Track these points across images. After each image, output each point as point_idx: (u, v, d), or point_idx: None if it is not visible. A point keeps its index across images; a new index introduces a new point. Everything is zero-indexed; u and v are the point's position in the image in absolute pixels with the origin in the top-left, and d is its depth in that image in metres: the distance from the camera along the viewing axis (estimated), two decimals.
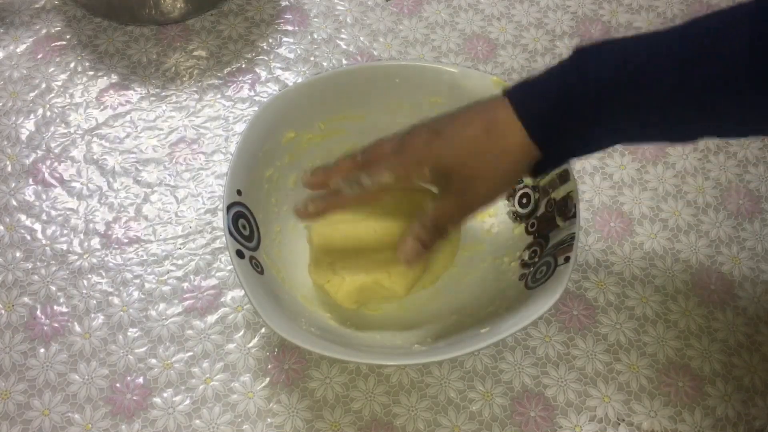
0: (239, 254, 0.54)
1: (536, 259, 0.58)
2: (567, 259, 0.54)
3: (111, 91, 0.73)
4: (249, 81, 0.74)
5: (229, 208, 0.56)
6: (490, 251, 0.63)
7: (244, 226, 0.56)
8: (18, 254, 0.65)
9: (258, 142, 0.60)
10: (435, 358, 0.53)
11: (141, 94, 0.73)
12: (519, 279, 0.58)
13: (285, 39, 0.77)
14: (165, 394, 0.59)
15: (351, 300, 0.59)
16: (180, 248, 0.65)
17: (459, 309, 0.61)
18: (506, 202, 0.64)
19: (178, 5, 0.75)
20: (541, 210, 0.60)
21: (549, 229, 0.58)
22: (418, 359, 0.55)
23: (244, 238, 0.56)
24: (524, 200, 0.62)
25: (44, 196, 0.67)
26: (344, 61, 0.75)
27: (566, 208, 0.57)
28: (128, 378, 0.60)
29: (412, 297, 0.61)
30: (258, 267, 0.55)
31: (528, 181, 0.62)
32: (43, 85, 0.73)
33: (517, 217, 0.62)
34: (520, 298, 0.56)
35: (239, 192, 0.57)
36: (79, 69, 0.74)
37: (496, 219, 0.64)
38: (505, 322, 0.53)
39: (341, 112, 0.64)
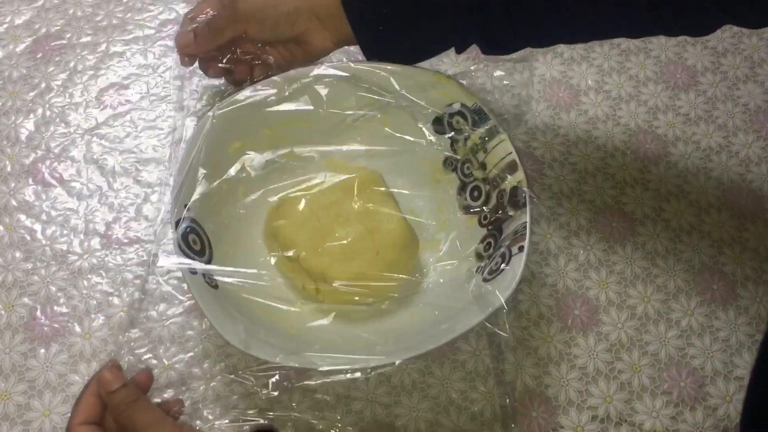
0: (191, 270, 0.53)
1: (491, 251, 0.58)
2: (521, 249, 0.54)
3: (111, 91, 0.73)
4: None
5: (177, 224, 0.54)
6: (446, 246, 0.63)
7: (194, 241, 0.55)
8: (18, 254, 0.64)
9: (204, 154, 0.59)
10: (396, 359, 0.52)
11: (141, 93, 0.73)
12: (476, 272, 0.58)
13: None
14: (165, 395, 0.59)
15: (347, 301, 0.59)
16: None
17: (420, 306, 0.61)
18: (458, 196, 0.64)
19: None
20: (493, 202, 0.60)
21: (502, 220, 0.59)
22: (378, 362, 0.52)
23: (196, 254, 0.55)
24: (475, 193, 0.62)
25: (44, 196, 0.67)
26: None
27: (516, 198, 0.57)
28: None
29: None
30: (212, 282, 0.55)
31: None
32: (43, 85, 0.73)
33: (469, 210, 0.62)
34: (478, 291, 0.56)
35: (186, 207, 0.56)
36: (79, 68, 0.74)
37: (449, 214, 0.64)
38: (464, 316, 0.53)
39: (285, 118, 0.63)
